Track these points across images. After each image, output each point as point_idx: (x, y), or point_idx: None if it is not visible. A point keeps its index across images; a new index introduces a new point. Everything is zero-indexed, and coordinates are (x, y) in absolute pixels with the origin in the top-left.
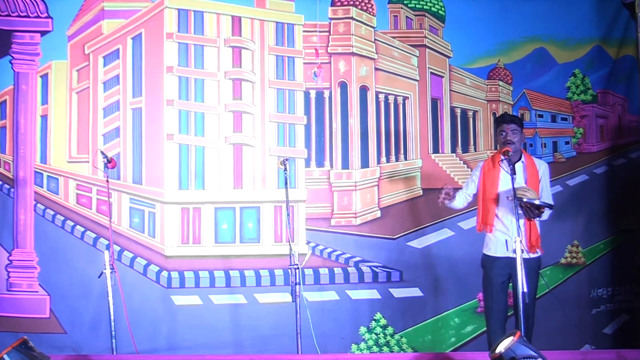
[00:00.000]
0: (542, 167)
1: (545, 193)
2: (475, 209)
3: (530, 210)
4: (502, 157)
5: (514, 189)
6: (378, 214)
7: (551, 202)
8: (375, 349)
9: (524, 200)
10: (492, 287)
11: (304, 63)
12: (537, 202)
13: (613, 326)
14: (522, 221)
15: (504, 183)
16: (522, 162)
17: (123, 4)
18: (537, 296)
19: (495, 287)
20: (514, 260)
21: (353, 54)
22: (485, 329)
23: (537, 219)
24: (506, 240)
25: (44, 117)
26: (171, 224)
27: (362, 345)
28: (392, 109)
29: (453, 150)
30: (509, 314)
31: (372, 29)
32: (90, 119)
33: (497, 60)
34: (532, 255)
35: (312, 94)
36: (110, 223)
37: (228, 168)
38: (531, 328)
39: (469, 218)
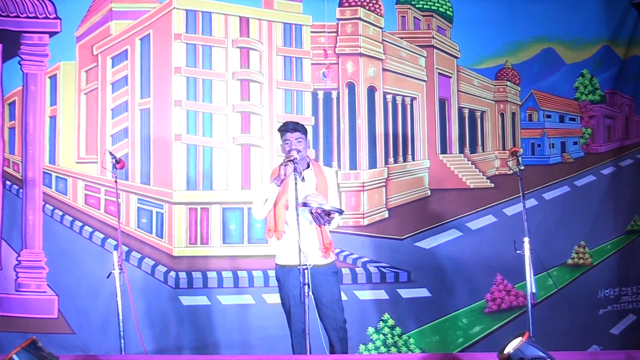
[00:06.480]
0: (330, 174)
1: (333, 199)
2: (482, 209)
3: (320, 217)
4: (293, 165)
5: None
6: (386, 214)
7: (340, 207)
8: (383, 349)
9: (315, 206)
10: (288, 299)
11: (312, 64)
12: (327, 207)
13: (620, 327)
14: (314, 225)
15: (293, 190)
16: (312, 169)
17: (131, 4)
18: (541, 297)
19: (293, 299)
20: (311, 270)
21: (361, 54)
22: (493, 329)
23: (327, 225)
24: (300, 250)
25: (53, 118)
26: (179, 225)
27: (370, 345)
28: (400, 109)
29: (461, 151)
30: None
31: (380, 30)
32: (99, 119)
33: (505, 60)
34: (327, 261)
35: (320, 94)
36: (119, 223)
37: (236, 168)
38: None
39: (478, 218)
